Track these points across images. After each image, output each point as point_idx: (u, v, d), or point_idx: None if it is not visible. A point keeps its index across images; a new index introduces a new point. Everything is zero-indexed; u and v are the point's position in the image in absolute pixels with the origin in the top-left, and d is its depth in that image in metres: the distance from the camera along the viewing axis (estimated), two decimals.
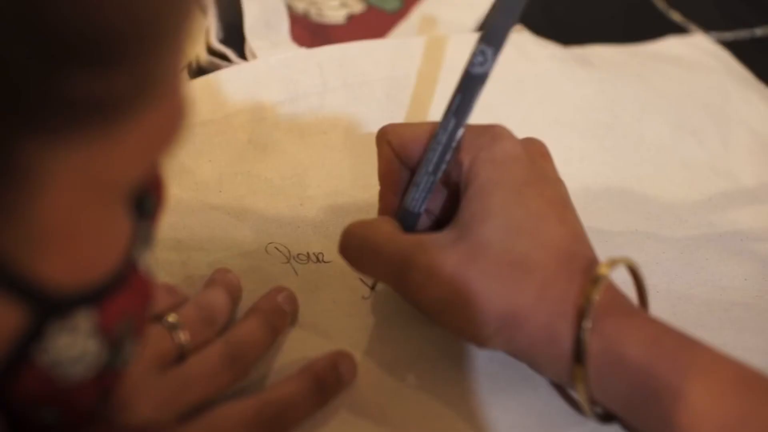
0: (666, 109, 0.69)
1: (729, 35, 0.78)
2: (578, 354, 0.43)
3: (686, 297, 0.56)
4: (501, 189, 0.46)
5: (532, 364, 0.47)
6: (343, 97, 0.65)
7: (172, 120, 0.30)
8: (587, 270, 0.45)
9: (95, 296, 0.31)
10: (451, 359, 0.51)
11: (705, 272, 0.58)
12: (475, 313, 0.44)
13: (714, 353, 0.43)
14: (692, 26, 0.78)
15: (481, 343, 0.46)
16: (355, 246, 0.49)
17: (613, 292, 0.45)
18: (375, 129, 0.62)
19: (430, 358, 0.51)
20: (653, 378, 0.42)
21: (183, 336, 0.46)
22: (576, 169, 0.63)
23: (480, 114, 0.65)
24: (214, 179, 0.58)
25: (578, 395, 0.45)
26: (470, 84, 0.46)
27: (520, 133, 0.64)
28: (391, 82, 0.67)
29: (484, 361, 0.50)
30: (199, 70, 0.66)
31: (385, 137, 0.51)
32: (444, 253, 0.45)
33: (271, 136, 0.62)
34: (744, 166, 0.66)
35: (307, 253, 0.55)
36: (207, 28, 0.68)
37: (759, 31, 0.79)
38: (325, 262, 0.55)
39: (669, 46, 0.76)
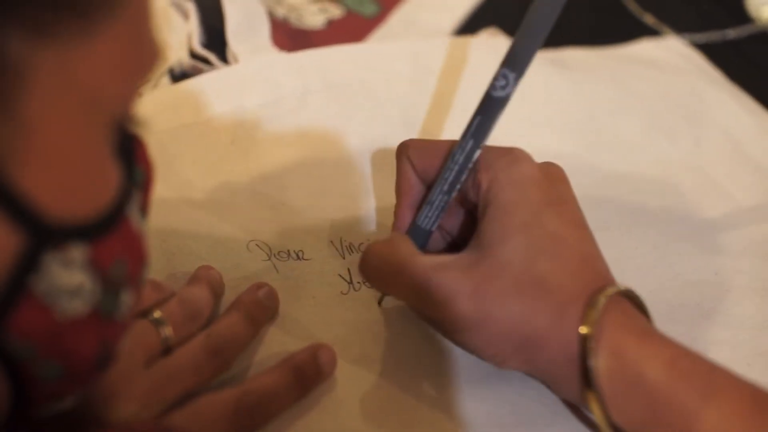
0: (640, 109, 0.70)
1: (701, 37, 0.79)
2: (587, 376, 0.44)
3: (658, 291, 0.57)
4: (520, 210, 0.46)
5: (552, 384, 0.48)
6: (324, 100, 0.66)
7: (142, 42, 0.32)
8: (604, 291, 0.45)
9: (87, 232, 0.32)
10: (428, 351, 0.52)
11: (677, 267, 0.59)
12: (495, 334, 0.45)
13: (729, 375, 0.44)
14: (665, 29, 0.79)
15: (500, 363, 0.46)
16: (376, 266, 0.49)
17: (630, 312, 0.46)
18: (354, 131, 0.64)
19: (407, 351, 0.52)
20: (670, 399, 0.42)
21: (168, 331, 0.47)
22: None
23: (457, 115, 0.66)
24: (198, 180, 0.59)
25: (594, 417, 0.45)
26: (491, 107, 0.47)
27: (495, 133, 0.66)
28: (370, 85, 0.68)
29: (461, 353, 0.52)
30: (182, 74, 0.67)
31: (406, 152, 0.52)
32: (464, 274, 0.45)
33: (253, 138, 0.63)
34: (716, 165, 0.67)
35: (288, 251, 0.56)
36: (189, 33, 0.69)
37: (731, 33, 0.80)
38: (305, 259, 0.56)
39: (642, 48, 0.77)
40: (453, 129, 0.66)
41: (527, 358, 0.45)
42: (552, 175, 0.50)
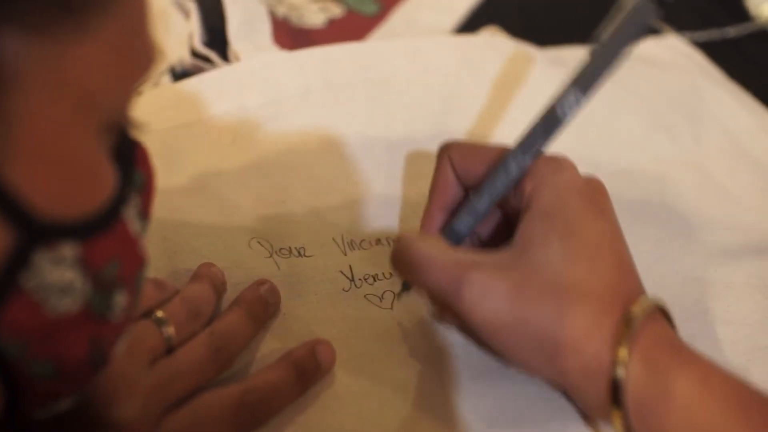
0: (639, 107, 0.70)
1: (701, 35, 0.79)
2: (615, 390, 0.43)
3: (658, 288, 0.56)
4: (561, 215, 0.46)
5: (577, 396, 0.46)
6: (324, 99, 0.66)
7: (138, 43, 0.32)
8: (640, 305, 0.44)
9: (79, 231, 0.32)
10: (429, 349, 0.52)
11: (676, 264, 0.59)
12: (526, 339, 0.44)
13: (758, 393, 0.43)
14: (665, 27, 0.80)
15: (531, 370, 0.46)
16: (408, 257, 0.48)
17: (663, 327, 0.45)
18: (355, 129, 0.64)
19: (408, 349, 0.52)
20: (699, 418, 0.42)
21: (170, 330, 0.48)
22: None
23: (457, 112, 0.67)
24: (199, 178, 0.59)
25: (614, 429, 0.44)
26: (554, 126, 0.46)
27: (497, 132, 0.66)
28: (371, 84, 0.68)
29: (462, 351, 0.52)
30: (183, 73, 0.67)
31: (448, 151, 0.51)
32: (500, 273, 0.45)
33: (254, 136, 0.63)
34: (715, 162, 0.68)
35: (290, 248, 0.57)
36: (191, 32, 0.70)
37: (731, 31, 0.80)
38: (306, 256, 0.56)
39: (642, 46, 0.77)
40: (453, 128, 0.66)
41: (558, 367, 0.44)
42: (594, 188, 0.49)
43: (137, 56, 0.32)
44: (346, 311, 0.54)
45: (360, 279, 0.55)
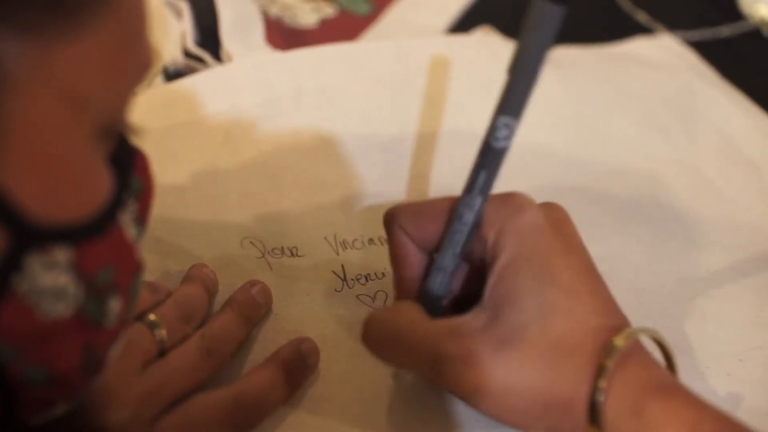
0: (632, 107, 0.70)
1: (694, 35, 0.79)
2: (593, 416, 0.42)
3: (651, 289, 0.57)
4: (530, 265, 0.44)
5: None
6: (317, 100, 0.66)
7: (133, 46, 0.32)
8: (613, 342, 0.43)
9: (73, 236, 0.32)
10: None
11: (670, 264, 0.59)
12: (517, 402, 0.43)
13: None
14: (658, 26, 0.80)
15: (521, 428, 0.45)
16: (379, 335, 0.47)
17: (648, 364, 0.43)
18: (348, 129, 0.64)
19: None
20: None
21: (162, 333, 0.47)
22: (544, 165, 0.64)
23: (450, 113, 0.67)
24: (191, 178, 0.59)
25: None
26: (494, 159, 0.44)
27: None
28: (364, 84, 0.68)
29: None
30: (176, 73, 0.67)
31: (397, 221, 0.49)
32: (478, 341, 0.43)
33: (247, 137, 0.63)
34: (709, 162, 0.68)
35: (282, 248, 0.57)
36: (183, 32, 0.70)
37: (724, 31, 0.80)
38: (298, 256, 0.56)
39: (635, 47, 0.77)
40: (446, 128, 0.66)
41: (553, 423, 0.43)
42: (556, 221, 0.47)
43: (133, 59, 0.32)
44: (338, 311, 0.54)
45: (352, 279, 0.55)
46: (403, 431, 0.48)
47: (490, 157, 0.44)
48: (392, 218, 0.49)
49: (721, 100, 0.73)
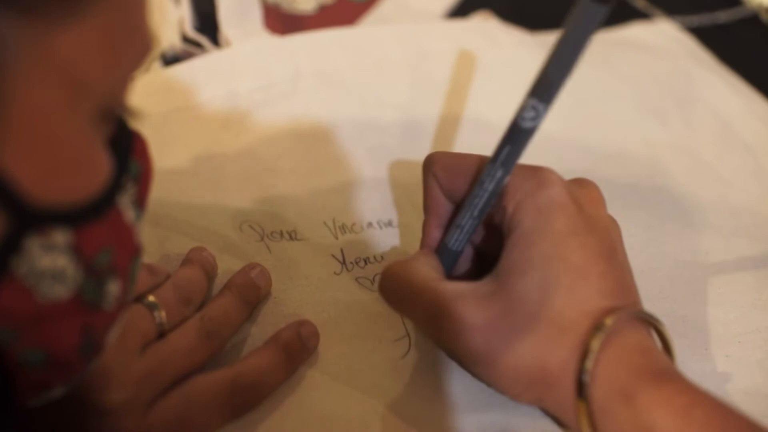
0: (629, 91, 0.71)
1: (692, 20, 0.79)
2: (580, 390, 0.42)
3: (649, 271, 0.57)
4: (543, 240, 0.44)
5: (563, 422, 0.46)
6: (315, 85, 0.66)
7: (133, 30, 0.32)
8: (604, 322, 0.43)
9: (72, 218, 0.32)
10: (419, 330, 0.52)
11: (668, 247, 0.60)
12: (505, 370, 0.44)
13: (747, 424, 0.40)
14: (656, 12, 0.80)
15: (512, 397, 0.45)
16: (394, 288, 0.48)
17: (648, 353, 0.43)
18: (346, 114, 0.64)
19: (399, 330, 0.52)
20: None
21: (162, 315, 0.47)
22: (541, 149, 0.64)
23: (449, 96, 0.67)
24: (190, 163, 0.59)
25: None
26: (520, 137, 0.44)
27: (487, 117, 0.66)
28: (362, 69, 0.68)
29: None
30: (174, 59, 0.67)
31: (431, 169, 0.50)
32: (479, 305, 0.44)
33: (245, 121, 0.63)
34: (706, 146, 0.68)
35: (281, 231, 0.57)
36: (181, 17, 0.70)
37: (722, 16, 0.81)
38: (297, 239, 0.56)
39: (633, 32, 0.77)
40: (445, 112, 0.66)
41: (538, 395, 0.44)
42: (583, 198, 0.47)
43: (133, 43, 0.32)
44: (337, 294, 0.54)
45: (351, 262, 0.56)
46: (402, 413, 0.48)
47: (515, 134, 0.44)
48: (428, 165, 0.50)
49: (718, 85, 0.73)
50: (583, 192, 0.48)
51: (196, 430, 0.46)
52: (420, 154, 0.63)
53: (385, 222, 0.58)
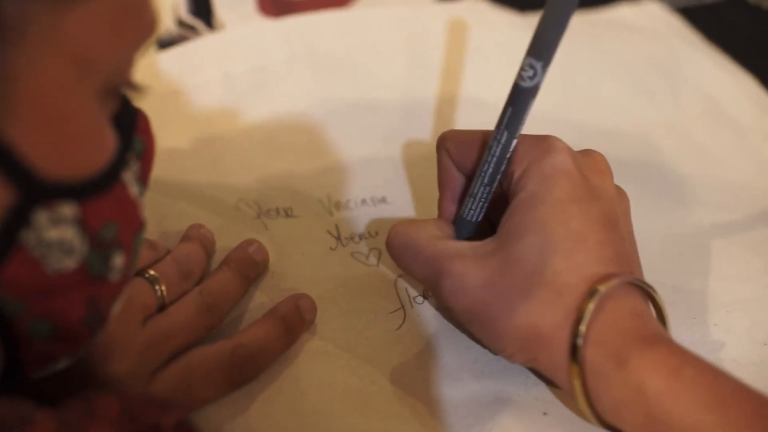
0: (619, 71, 0.72)
1: (680, 1, 0.80)
2: (574, 352, 0.43)
3: (641, 245, 0.57)
4: (544, 204, 0.45)
5: (555, 382, 0.46)
6: (310, 65, 0.67)
7: (139, 8, 0.32)
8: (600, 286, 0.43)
9: (79, 192, 0.33)
10: (414, 301, 0.53)
11: (658, 221, 0.60)
12: (500, 329, 0.44)
13: (735, 386, 0.41)
14: None
15: (506, 357, 0.46)
16: (398, 244, 0.49)
17: (641, 318, 0.44)
18: (339, 96, 0.65)
19: (395, 304, 0.53)
20: (670, 410, 0.40)
21: (162, 289, 0.48)
22: (532, 128, 0.65)
23: (441, 77, 0.67)
24: (186, 144, 0.60)
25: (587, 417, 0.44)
26: (520, 97, 0.45)
27: (479, 97, 0.67)
28: (355, 51, 0.69)
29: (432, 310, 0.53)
30: (170, 42, 0.68)
31: (444, 144, 0.51)
32: (478, 264, 0.45)
33: (240, 103, 0.64)
34: (694, 123, 0.69)
35: (277, 209, 0.58)
36: (176, 1, 0.70)
37: None
38: (293, 216, 0.57)
39: (622, 13, 0.78)
40: (439, 92, 0.67)
41: (532, 356, 0.45)
42: (589, 168, 0.48)
43: (138, 22, 0.33)
44: (334, 269, 0.55)
45: (346, 238, 0.56)
46: (398, 382, 0.49)
47: (516, 94, 0.45)
48: (441, 142, 0.51)
49: (705, 63, 0.74)
50: (589, 162, 0.48)
51: (197, 400, 0.46)
52: (412, 133, 0.64)
53: (379, 198, 0.59)
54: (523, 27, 0.73)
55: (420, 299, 0.53)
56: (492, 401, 0.48)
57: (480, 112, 0.66)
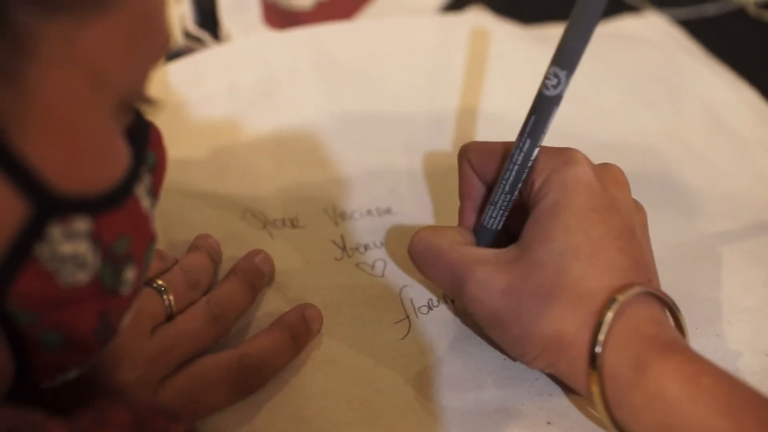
0: (621, 82, 0.72)
1: (681, 13, 0.81)
2: (592, 359, 0.43)
3: None
4: (566, 213, 0.46)
5: (573, 388, 0.47)
6: (314, 76, 0.67)
7: (153, 24, 0.33)
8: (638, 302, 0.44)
9: (93, 207, 0.33)
10: (419, 311, 0.54)
11: (658, 231, 0.60)
12: (522, 334, 0.45)
13: (751, 393, 0.42)
14: (645, 5, 0.81)
15: (527, 363, 0.47)
16: (421, 250, 0.50)
17: (660, 326, 0.45)
18: (344, 107, 0.65)
19: (399, 314, 0.54)
20: (687, 415, 0.41)
21: (170, 299, 0.49)
22: None
23: (444, 89, 0.68)
24: (193, 154, 0.61)
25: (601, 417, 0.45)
26: (544, 106, 0.46)
27: (481, 108, 0.68)
28: (360, 62, 0.69)
29: (452, 312, 0.54)
30: (176, 54, 0.69)
31: (466, 155, 0.52)
32: (500, 270, 0.46)
33: (246, 114, 0.64)
34: (695, 134, 0.69)
35: (282, 219, 0.58)
36: (183, 13, 0.71)
37: (711, 9, 0.82)
38: (299, 227, 0.58)
39: (624, 25, 0.79)
40: (442, 102, 0.67)
41: (551, 361, 0.46)
42: (609, 180, 0.48)
43: (152, 38, 0.33)
44: (339, 279, 0.55)
45: (352, 248, 0.57)
46: (402, 391, 0.49)
47: (539, 102, 0.46)
48: (463, 152, 0.52)
49: (705, 74, 0.74)
50: (608, 174, 0.49)
51: (204, 408, 0.47)
52: (418, 144, 0.64)
53: (384, 209, 0.60)
54: (526, 40, 0.73)
55: (425, 309, 0.54)
56: (496, 410, 0.48)
57: (480, 121, 0.67)
